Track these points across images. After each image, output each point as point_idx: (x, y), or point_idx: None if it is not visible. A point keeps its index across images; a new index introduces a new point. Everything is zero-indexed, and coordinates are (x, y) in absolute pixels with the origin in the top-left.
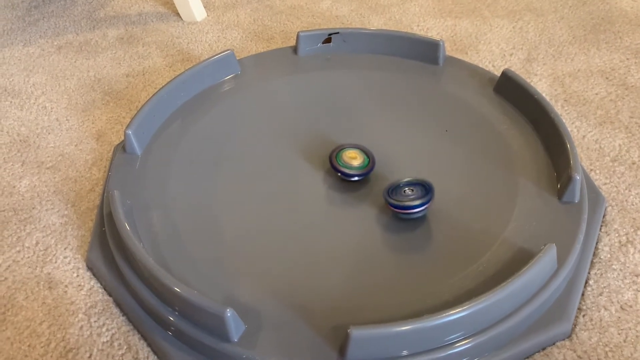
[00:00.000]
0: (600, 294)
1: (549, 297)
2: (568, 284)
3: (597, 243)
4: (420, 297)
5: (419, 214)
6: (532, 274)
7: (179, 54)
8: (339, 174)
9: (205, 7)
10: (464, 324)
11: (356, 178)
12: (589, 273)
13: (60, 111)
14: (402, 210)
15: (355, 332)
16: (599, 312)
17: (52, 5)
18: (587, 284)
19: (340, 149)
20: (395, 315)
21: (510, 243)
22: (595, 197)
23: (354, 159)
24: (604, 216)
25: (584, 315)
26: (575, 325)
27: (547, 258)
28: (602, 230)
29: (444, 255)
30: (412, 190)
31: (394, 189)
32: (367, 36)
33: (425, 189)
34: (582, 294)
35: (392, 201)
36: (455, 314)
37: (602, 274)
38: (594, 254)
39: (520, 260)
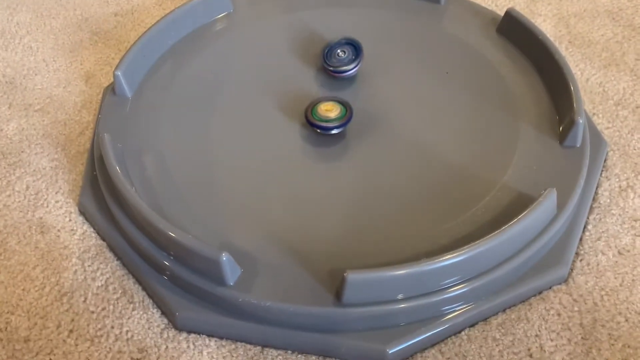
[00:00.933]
0: (599, 239)
1: (547, 242)
2: (567, 229)
3: (597, 188)
4: (416, 241)
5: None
6: (531, 219)
7: None
8: (317, 129)
9: None
10: (460, 268)
11: (335, 131)
12: (587, 218)
13: (46, 51)
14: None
15: (351, 276)
16: (597, 256)
17: None
18: (585, 229)
19: (315, 102)
20: (391, 259)
21: (510, 188)
22: (597, 141)
23: (330, 110)
24: (605, 160)
25: (581, 260)
26: (572, 270)
27: (547, 203)
28: (603, 175)
29: (441, 200)
30: (344, 52)
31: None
32: None
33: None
34: (580, 239)
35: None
36: (451, 259)
37: (600, 219)
38: (594, 199)
39: (519, 205)
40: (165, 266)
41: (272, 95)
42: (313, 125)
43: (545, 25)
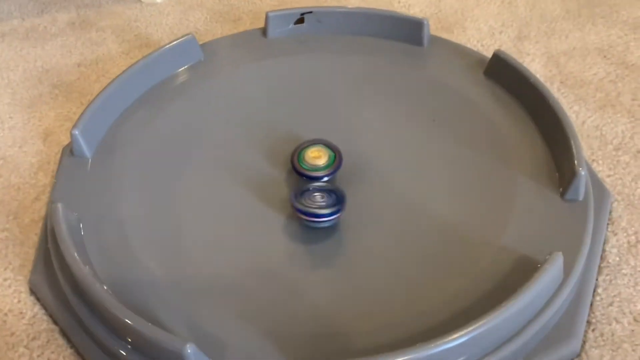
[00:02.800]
0: (611, 304)
1: (556, 312)
2: (575, 294)
3: (604, 245)
4: (412, 318)
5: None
6: (537, 289)
7: (136, 40)
8: (304, 177)
9: None
10: (460, 352)
11: (324, 179)
12: (597, 280)
13: (2, 107)
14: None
15: None
16: (610, 325)
17: None
18: (595, 293)
19: (302, 147)
20: (385, 341)
21: (510, 250)
22: (600, 192)
23: (317, 158)
24: (610, 213)
25: (593, 330)
26: (584, 342)
27: (553, 269)
28: (609, 229)
29: (436, 267)
30: (323, 197)
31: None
32: (343, 15)
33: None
34: (591, 305)
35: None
36: (450, 341)
37: (611, 281)
38: (602, 258)
39: (522, 269)
40: (123, 357)
41: (250, 144)
42: (301, 175)
43: (535, 65)
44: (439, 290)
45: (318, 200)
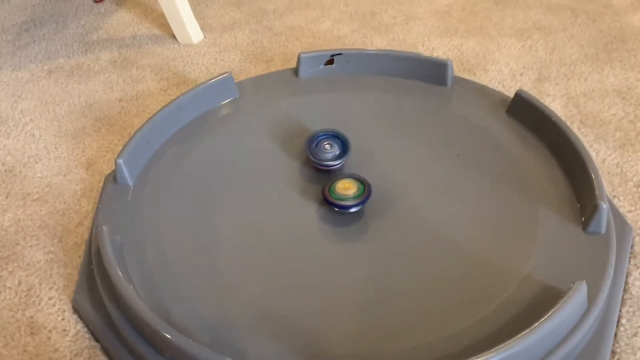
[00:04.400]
0: (635, 335)
1: (580, 341)
2: (599, 325)
3: (626, 277)
4: (436, 341)
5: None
6: (562, 316)
7: (174, 78)
8: (335, 208)
9: (202, 29)
10: None
11: (353, 209)
12: (620, 311)
13: (48, 139)
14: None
15: None
16: (635, 355)
17: (44, 28)
18: (619, 324)
19: (333, 181)
20: None
21: (533, 280)
22: (621, 226)
23: (347, 189)
24: (631, 247)
25: (618, 359)
26: None
27: (577, 297)
28: (631, 262)
29: (460, 293)
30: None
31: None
32: (371, 57)
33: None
34: (615, 335)
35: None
36: None
37: (634, 312)
38: (624, 290)
39: (545, 299)
40: None
41: (282, 178)
42: (331, 204)
43: (555, 105)
44: (464, 316)
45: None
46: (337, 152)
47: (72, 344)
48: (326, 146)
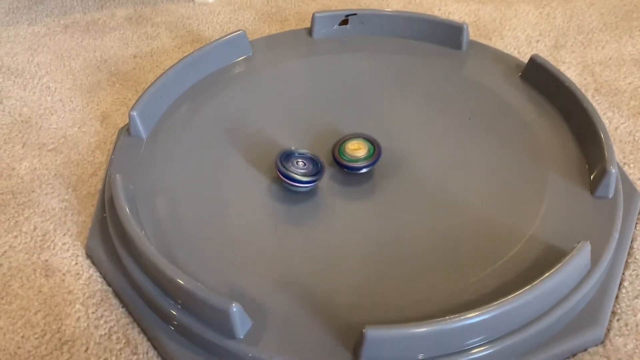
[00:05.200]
0: (636, 297)
1: (581, 299)
2: (601, 285)
3: (632, 242)
4: (440, 295)
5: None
6: (564, 275)
7: (188, 35)
8: (345, 169)
9: None
10: (487, 327)
11: (363, 170)
12: (623, 274)
13: (64, 92)
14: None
15: (371, 333)
16: (635, 316)
17: None
18: (621, 286)
19: (342, 140)
20: (412, 315)
21: (539, 240)
22: (630, 192)
23: (357, 150)
24: (639, 213)
25: (618, 320)
26: (608, 331)
27: (580, 257)
28: (638, 228)
29: (466, 251)
30: (304, 163)
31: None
32: (386, 18)
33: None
34: (616, 297)
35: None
36: (477, 316)
37: (637, 275)
38: (629, 254)
39: (549, 259)
40: (172, 315)
41: (293, 136)
42: (341, 165)
43: (570, 72)
44: (469, 273)
45: (300, 166)
46: (311, 169)
47: (85, 287)
48: (299, 163)
